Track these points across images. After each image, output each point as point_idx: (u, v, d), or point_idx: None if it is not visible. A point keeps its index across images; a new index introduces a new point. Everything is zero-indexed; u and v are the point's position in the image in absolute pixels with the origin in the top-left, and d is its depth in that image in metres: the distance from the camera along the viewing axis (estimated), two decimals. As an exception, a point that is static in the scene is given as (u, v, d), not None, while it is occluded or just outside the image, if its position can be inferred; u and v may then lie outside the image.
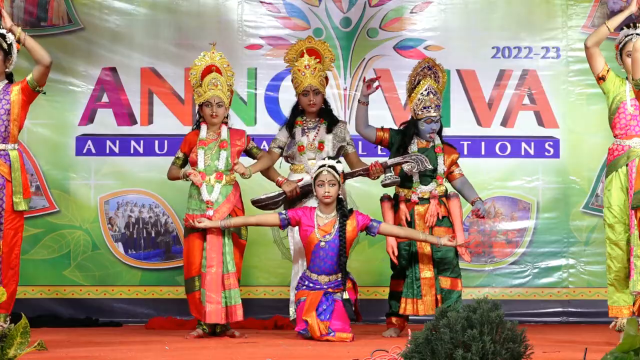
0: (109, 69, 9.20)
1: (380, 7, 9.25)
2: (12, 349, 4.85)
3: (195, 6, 9.24)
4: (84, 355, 6.38)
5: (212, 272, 7.41)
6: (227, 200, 7.50)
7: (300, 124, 7.85)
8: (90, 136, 9.03)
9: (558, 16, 9.26)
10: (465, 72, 9.20)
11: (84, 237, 9.08)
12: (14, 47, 7.13)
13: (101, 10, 9.21)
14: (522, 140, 9.11)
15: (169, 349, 6.77)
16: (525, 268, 9.14)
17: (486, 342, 4.64)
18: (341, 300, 7.33)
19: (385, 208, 7.69)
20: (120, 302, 9.07)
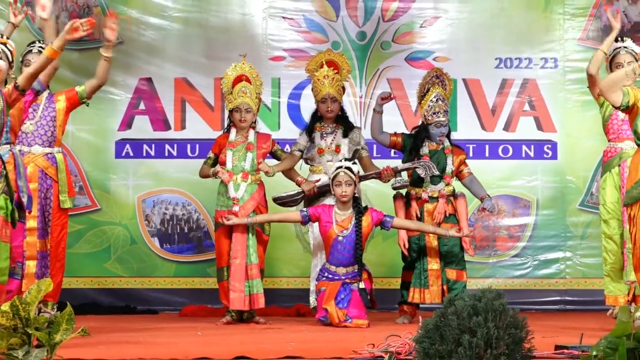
0: (145, 79, 9.20)
1: (392, 22, 9.23)
2: (58, 334, 4.86)
3: (224, 22, 9.24)
4: (123, 340, 6.38)
5: (237, 264, 7.44)
6: (251, 198, 7.52)
7: (319, 129, 7.87)
8: (128, 140, 9.04)
9: (556, 29, 9.23)
10: (471, 81, 9.17)
11: (123, 233, 9.09)
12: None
13: (138, 25, 9.22)
14: (522, 144, 9.08)
15: (200, 334, 6.78)
16: (526, 260, 9.10)
17: (490, 328, 4.63)
18: (357, 289, 7.34)
19: (398, 205, 7.70)
20: (156, 292, 9.07)
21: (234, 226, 7.45)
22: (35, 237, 7.07)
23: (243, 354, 5.32)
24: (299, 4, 9.24)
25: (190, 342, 6.25)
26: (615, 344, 4.59)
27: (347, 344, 5.59)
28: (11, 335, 4.86)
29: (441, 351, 4.66)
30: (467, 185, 7.82)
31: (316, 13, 9.24)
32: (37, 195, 7.07)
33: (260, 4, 9.24)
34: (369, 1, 9.23)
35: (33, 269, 7.02)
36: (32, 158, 7.13)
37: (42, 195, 7.13)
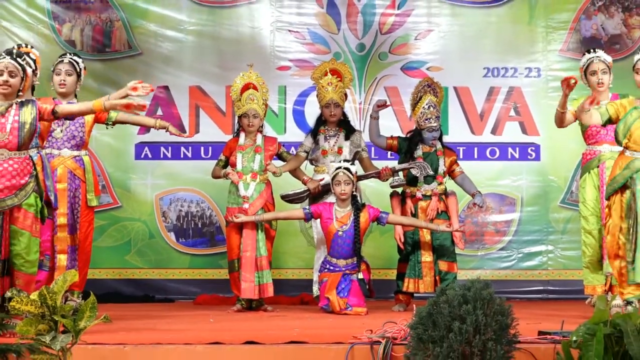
0: (162, 87, 9.20)
1: (389, 35, 9.22)
2: (82, 321, 4.86)
3: (235, 34, 9.24)
4: (142, 326, 6.38)
5: (247, 256, 7.44)
6: (260, 196, 7.53)
7: (323, 132, 7.87)
8: (147, 143, 9.03)
9: (539, 42, 9.22)
10: (461, 88, 9.17)
11: (142, 228, 9.10)
12: (83, 73, 7.25)
13: (156, 38, 9.22)
14: (508, 146, 9.07)
15: (213, 321, 6.78)
16: (511, 253, 9.10)
17: (479, 316, 4.62)
18: (357, 280, 7.33)
19: (394, 203, 7.71)
20: (173, 282, 9.07)
21: (244, 223, 7.46)
22: (65, 232, 7.09)
23: (252, 339, 5.32)
24: (303, 18, 9.25)
25: (203, 329, 6.25)
26: (593, 330, 4.59)
27: (347, 330, 5.58)
28: (39, 322, 4.86)
29: (434, 336, 4.66)
30: (459, 183, 7.83)
31: (319, 26, 9.24)
32: (67, 195, 7.09)
33: (268, 18, 9.24)
34: (368, 15, 9.23)
35: (64, 262, 7.03)
36: (61, 160, 7.13)
37: (71, 195, 7.14)
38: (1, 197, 5.78)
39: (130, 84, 6.26)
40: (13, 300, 4.94)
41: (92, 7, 9.21)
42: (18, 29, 9.13)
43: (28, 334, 4.88)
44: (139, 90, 6.26)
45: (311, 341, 5.30)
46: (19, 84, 5.86)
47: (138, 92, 6.26)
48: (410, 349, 4.79)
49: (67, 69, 7.17)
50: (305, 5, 9.26)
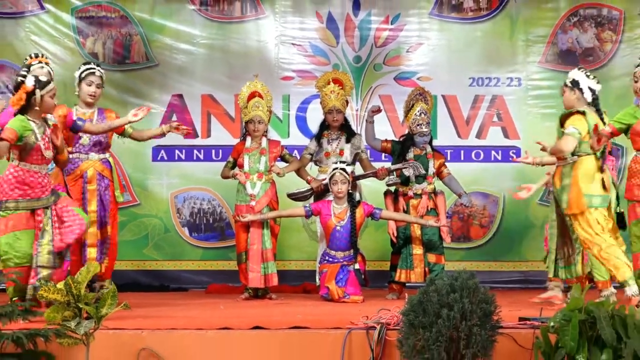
0: (177, 95, 9.19)
1: (383, 48, 9.22)
2: (104, 308, 4.86)
3: (243, 47, 9.23)
4: (158, 313, 6.38)
5: (254, 249, 7.44)
6: (265, 194, 7.53)
7: (326, 136, 7.90)
8: (163, 147, 9.02)
9: (519, 54, 9.21)
10: (449, 96, 9.16)
11: (158, 223, 9.09)
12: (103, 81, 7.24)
13: (171, 50, 9.21)
14: (492, 149, 9.06)
15: (223, 308, 6.77)
16: (495, 246, 9.09)
17: (465, 303, 4.62)
18: (353, 270, 7.33)
19: (388, 200, 7.72)
20: (186, 273, 9.06)
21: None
22: (95, 228, 7.10)
23: (258, 325, 5.32)
24: (305, 33, 9.24)
25: (214, 315, 6.25)
26: (569, 317, 4.58)
27: (345, 316, 5.58)
28: (65, 309, 4.86)
29: (424, 322, 4.65)
30: (446, 183, 7.83)
31: (320, 40, 9.23)
32: (96, 194, 7.11)
33: (273, 32, 9.23)
34: (364, 30, 9.22)
35: (94, 254, 7.08)
36: (90, 164, 7.14)
37: (100, 193, 7.14)
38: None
39: (131, 112, 6.42)
40: (41, 289, 4.94)
41: (113, 22, 9.20)
42: (46, 42, 9.12)
43: (55, 320, 4.88)
44: (139, 115, 6.42)
45: (312, 326, 5.30)
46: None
47: (138, 117, 6.43)
48: (402, 333, 4.79)
49: (99, 82, 7.20)
50: (307, 21, 9.26)
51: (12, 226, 5.84)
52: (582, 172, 6.25)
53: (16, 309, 4.99)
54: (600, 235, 6.13)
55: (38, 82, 5.88)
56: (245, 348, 5.15)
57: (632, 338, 4.48)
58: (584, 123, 6.24)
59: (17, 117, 5.84)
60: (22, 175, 5.86)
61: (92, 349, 4.85)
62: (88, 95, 7.16)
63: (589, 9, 9.20)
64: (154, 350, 5.09)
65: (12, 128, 5.77)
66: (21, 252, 5.86)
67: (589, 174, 6.25)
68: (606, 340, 4.47)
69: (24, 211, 5.87)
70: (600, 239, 6.13)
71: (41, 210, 5.91)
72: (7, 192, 5.83)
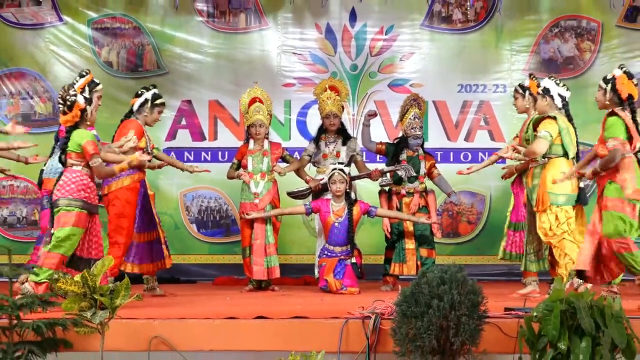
0: (186, 101, 9.19)
1: (378, 57, 9.21)
2: (118, 299, 4.86)
3: (247, 56, 9.22)
4: (168, 303, 6.38)
5: (257, 243, 7.44)
6: (268, 193, 7.53)
7: (323, 139, 7.91)
8: (173, 148, 9.00)
9: (505, 62, 9.20)
10: (439, 102, 9.15)
11: (169, 220, 9.06)
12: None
13: (180, 59, 9.20)
14: (479, 151, 9.05)
15: (229, 299, 6.78)
16: (482, 241, 9.08)
17: (454, 295, 4.62)
18: (350, 264, 7.33)
19: (382, 199, 7.72)
20: (195, 266, 9.05)
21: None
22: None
23: (262, 314, 5.32)
24: (305, 43, 9.23)
25: (220, 305, 6.25)
26: (551, 307, 4.59)
27: (342, 307, 5.58)
28: (82, 300, 4.86)
29: (416, 312, 4.65)
30: (436, 183, 7.83)
31: (319, 50, 9.23)
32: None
33: (275, 42, 9.23)
34: (360, 40, 9.22)
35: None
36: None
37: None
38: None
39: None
40: (59, 281, 4.93)
41: (126, 33, 9.20)
42: (64, 51, 9.13)
43: (72, 310, 4.89)
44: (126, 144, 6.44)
45: (312, 316, 5.31)
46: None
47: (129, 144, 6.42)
48: (396, 323, 4.79)
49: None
50: (307, 32, 9.25)
51: (75, 222, 5.85)
52: (552, 173, 6.32)
53: (36, 300, 5.00)
54: (558, 227, 6.29)
55: (88, 100, 6.00)
56: (250, 336, 5.15)
57: (610, 327, 4.49)
58: (555, 127, 6.35)
59: (85, 131, 5.94)
60: (85, 180, 5.90)
61: (107, 337, 4.85)
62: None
63: (570, 20, 9.20)
64: (164, 338, 5.09)
65: (93, 141, 5.93)
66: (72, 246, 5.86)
67: (557, 174, 6.30)
68: (585, 329, 4.47)
69: (84, 211, 5.89)
70: (557, 233, 6.30)
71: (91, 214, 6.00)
72: (74, 192, 5.87)
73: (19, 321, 4.92)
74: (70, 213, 5.81)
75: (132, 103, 7.12)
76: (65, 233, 5.77)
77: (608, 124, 5.75)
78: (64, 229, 5.78)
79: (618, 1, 9.00)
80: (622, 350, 4.54)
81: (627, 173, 5.67)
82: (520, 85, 7.47)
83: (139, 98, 7.09)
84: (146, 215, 7.05)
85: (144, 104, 7.05)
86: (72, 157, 5.92)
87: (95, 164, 5.88)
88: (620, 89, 5.74)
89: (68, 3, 9.15)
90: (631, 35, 9.12)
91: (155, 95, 7.12)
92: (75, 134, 5.92)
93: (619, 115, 5.71)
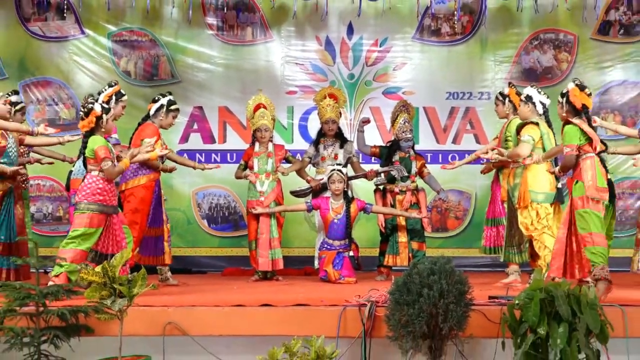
0: (197, 107, 9.18)
1: (373, 67, 9.20)
2: (135, 288, 4.86)
3: (253, 66, 9.21)
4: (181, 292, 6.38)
5: (263, 238, 7.44)
6: (272, 191, 7.53)
7: (322, 142, 7.91)
8: (185, 150, 8.99)
9: (489, 72, 9.20)
10: (429, 108, 9.14)
11: (182, 216, 9.07)
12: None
13: (193, 69, 9.20)
14: (465, 153, 8.97)
15: (236, 288, 6.77)
16: (468, 235, 9.08)
17: (443, 284, 4.62)
18: (348, 256, 7.33)
19: (377, 196, 7.71)
20: (205, 258, 9.04)
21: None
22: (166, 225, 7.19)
23: (267, 302, 5.32)
24: (307, 54, 9.22)
25: (229, 294, 6.25)
26: (532, 295, 4.58)
27: (340, 295, 5.58)
28: (102, 289, 4.86)
29: (408, 300, 4.65)
30: (426, 181, 7.83)
31: (319, 60, 9.22)
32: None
33: (279, 54, 9.22)
34: (357, 52, 9.21)
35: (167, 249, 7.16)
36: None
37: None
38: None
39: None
40: (82, 271, 4.93)
41: (143, 45, 9.19)
42: (86, 62, 9.13)
43: (93, 298, 4.88)
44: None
45: (313, 304, 5.30)
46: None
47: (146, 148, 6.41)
48: (389, 310, 4.79)
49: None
50: (308, 44, 9.24)
51: (87, 223, 5.85)
52: (532, 173, 6.37)
53: (61, 289, 5.00)
54: (539, 223, 6.32)
55: (104, 109, 5.96)
56: (256, 322, 5.15)
57: (585, 314, 4.48)
58: (537, 132, 6.41)
59: (98, 137, 5.92)
60: (101, 184, 5.88)
61: (125, 323, 4.85)
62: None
63: (548, 33, 9.19)
64: (178, 323, 5.09)
65: (105, 146, 5.90)
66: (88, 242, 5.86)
67: (537, 174, 6.36)
68: (563, 316, 4.47)
69: (99, 213, 5.88)
70: (537, 228, 6.32)
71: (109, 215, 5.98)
72: (90, 196, 5.86)
73: (45, 308, 4.92)
74: (84, 215, 5.82)
75: (149, 108, 7.11)
76: (77, 233, 5.79)
77: (564, 132, 5.79)
78: (77, 230, 5.80)
79: (592, 16, 8.99)
80: (596, 335, 4.53)
81: (588, 172, 5.70)
82: (501, 93, 7.47)
83: (156, 103, 7.08)
84: (156, 212, 7.05)
85: (160, 109, 7.04)
86: (90, 163, 5.93)
87: (105, 167, 5.87)
88: (573, 100, 5.78)
89: (90, 17, 9.14)
90: (604, 47, 9.12)
91: (171, 101, 7.11)
92: (90, 140, 5.92)
93: (574, 123, 5.73)
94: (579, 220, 5.65)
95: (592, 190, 5.64)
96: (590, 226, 5.60)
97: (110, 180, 5.96)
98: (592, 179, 5.66)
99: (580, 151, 5.71)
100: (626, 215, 8.92)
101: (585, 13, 8.94)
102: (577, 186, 5.71)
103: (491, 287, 6.40)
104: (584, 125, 5.73)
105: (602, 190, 5.68)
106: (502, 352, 4.74)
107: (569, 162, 5.76)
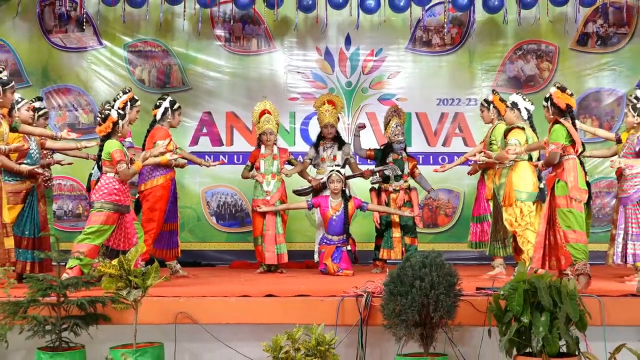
0: (206, 112, 9.17)
1: (369, 75, 9.20)
2: (149, 280, 4.87)
3: (259, 75, 9.21)
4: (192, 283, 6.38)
5: (269, 234, 7.44)
6: (277, 191, 7.54)
7: (322, 145, 7.92)
8: (195, 152, 8.92)
9: (477, 80, 9.19)
10: (421, 113, 9.14)
11: (192, 213, 9.07)
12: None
13: (202, 77, 9.19)
14: (454, 155, 9.00)
15: (243, 280, 6.77)
16: (457, 231, 9.07)
17: (433, 276, 4.62)
18: (346, 250, 7.32)
19: (372, 195, 7.69)
20: (214, 252, 9.03)
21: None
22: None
23: (271, 293, 5.31)
24: (307, 63, 9.22)
25: (236, 285, 6.24)
26: (516, 287, 4.58)
27: (339, 286, 5.57)
28: (118, 281, 4.86)
29: (401, 291, 4.65)
30: (418, 181, 7.82)
31: (319, 69, 9.22)
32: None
33: (282, 63, 9.22)
34: (354, 61, 9.21)
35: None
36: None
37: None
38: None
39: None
40: (100, 264, 4.94)
41: (156, 55, 9.19)
42: (103, 70, 9.13)
43: (110, 289, 4.88)
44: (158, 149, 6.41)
45: (314, 294, 5.30)
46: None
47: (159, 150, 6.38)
48: (384, 300, 4.78)
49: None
50: (309, 54, 9.24)
51: (103, 221, 5.83)
52: (517, 173, 6.40)
53: (80, 281, 5.00)
54: (522, 219, 6.33)
55: (120, 114, 5.96)
56: (260, 311, 5.15)
57: (565, 304, 4.48)
58: (523, 136, 6.43)
59: (114, 141, 5.90)
60: (116, 185, 5.87)
61: (140, 312, 4.85)
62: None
63: (531, 44, 9.19)
64: (188, 313, 5.09)
65: (120, 149, 5.88)
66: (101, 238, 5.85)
67: (521, 175, 6.38)
68: (545, 306, 4.47)
69: (114, 212, 5.87)
70: (521, 224, 6.34)
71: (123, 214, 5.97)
72: (106, 196, 5.85)
73: (66, 299, 4.93)
74: (100, 213, 5.81)
75: (154, 113, 7.10)
76: (93, 229, 5.78)
77: (552, 130, 5.77)
78: (93, 226, 5.79)
79: (572, 28, 8.99)
80: (576, 323, 4.53)
81: (571, 173, 5.69)
82: (485, 100, 7.46)
83: (159, 108, 7.10)
84: (172, 208, 7.05)
85: (165, 112, 7.05)
86: (106, 165, 5.92)
87: (120, 169, 5.86)
88: (557, 102, 5.76)
89: (107, 30, 9.14)
90: (583, 57, 9.12)
91: (172, 102, 7.15)
92: (106, 144, 5.91)
93: (562, 123, 5.72)
94: (563, 218, 5.64)
95: (574, 191, 5.63)
96: (574, 224, 5.60)
97: (125, 181, 5.95)
98: (575, 180, 5.66)
99: (563, 151, 5.71)
100: (603, 212, 8.91)
101: (567, 25, 8.95)
102: (560, 185, 5.70)
103: (478, 279, 6.40)
104: (571, 129, 5.73)
105: (582, 191, 5.68)
106: (489, 339, 4.74)
107: (552, 159, 5.73)
